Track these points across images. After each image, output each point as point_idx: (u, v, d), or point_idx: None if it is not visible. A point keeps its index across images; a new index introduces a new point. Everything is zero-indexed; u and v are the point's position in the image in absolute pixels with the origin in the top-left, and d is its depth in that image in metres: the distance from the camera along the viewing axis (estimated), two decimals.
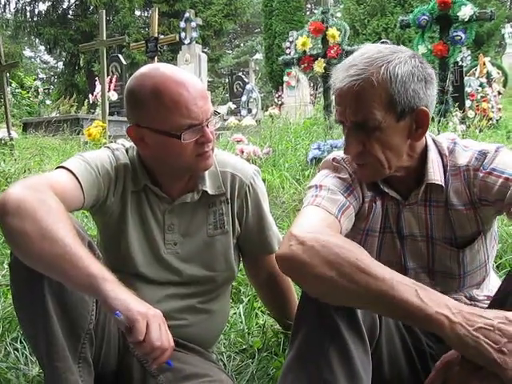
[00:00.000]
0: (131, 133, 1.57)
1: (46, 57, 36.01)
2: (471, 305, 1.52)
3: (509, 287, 1.35)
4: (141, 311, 1.24)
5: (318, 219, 1.35)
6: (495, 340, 1.04)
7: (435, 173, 1.44)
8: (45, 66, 37.10)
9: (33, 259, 1.29)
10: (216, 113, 1.63)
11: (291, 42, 14.14)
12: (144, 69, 1.58)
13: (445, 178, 1.46)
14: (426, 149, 1.46)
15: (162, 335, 1.27)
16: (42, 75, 32.89)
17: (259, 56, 35.03)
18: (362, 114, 1.33)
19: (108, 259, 1.65)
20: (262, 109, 14.87)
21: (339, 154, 1.58)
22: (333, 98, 6.93)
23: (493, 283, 1.62)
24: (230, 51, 39.34)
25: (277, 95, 16.56)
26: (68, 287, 1.34)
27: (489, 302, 1.51)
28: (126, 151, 1.69)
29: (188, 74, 1.57)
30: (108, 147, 1.70)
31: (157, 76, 1.52)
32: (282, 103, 14.69)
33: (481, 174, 1.41)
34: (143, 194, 1.66)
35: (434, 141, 1.50)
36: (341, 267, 1.16)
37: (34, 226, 1.27)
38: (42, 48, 31.74)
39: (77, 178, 1.51)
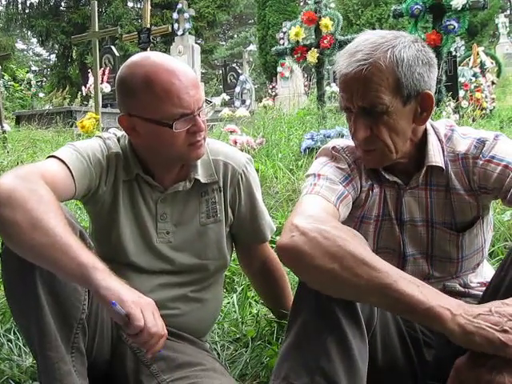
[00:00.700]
0: (123, 122, 1.56)
1: (39, 49, 35.87)
2: (465, 292, 1.54)
3: (503, 271, 1.37)
4: (134, 300, 1.25)
5: (318, 208, 1.35)
6: (496, 322, 1.05)
7: (435, 155, 1.45)
8: (37, 58, 36.93)
9: (24, 249, 1.29)
10: (208, 101, 1.62)
11: (284, 33, 14.12)
12: (135, 57, 1.57)
13: (444, 161, 1.46)
14: (425, 132, 1.47)
15: (157, 322, 1.28)
16: (34, 68, 32.65)
17: (253, 47, 34.93)
18: (369, 98, 1.33)
19: (100, 249, 1.64)
20: (256, 100, 14.85)
21: (339, 142, 1.58)
22: (326, 88, 6.94)
23: (485, 270, 1.63)
24: (224, 42, 39.24)
25: (271, 86, 16.52)
26: (59, 277, 1.34)
27: (482, 289, 1.52)
28: (118, 140, 1.69)
29: (179, 63, 1.56)
30: (99, 136, 1.69)
31: (148, 65, 1.51)
32: (276, 94, 14.65)
33: (480, 162, 1.42)
34: (135, 183, 1.65)
35: (432, 126, 1.51)
36: (344, 260, 1.15)
37: (24, 215, 1.26)
38: (35, 40, 31.53)
39: (68, 168, 1.50)
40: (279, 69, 14.35)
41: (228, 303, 2.37)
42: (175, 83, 1.48)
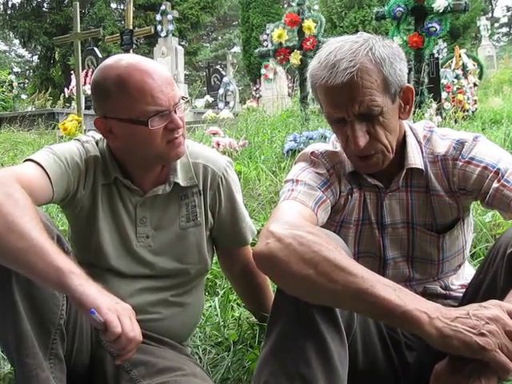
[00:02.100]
0: (99, 125, 1.55)
1: (21, 50, 35.59)
2: (446, 294, 1.55)
3: (482, 273, 1.38)
4: (109, 306, 1.23)
5: (294, 213, 1.34)
6: (473, 325, 1.04)
7: (415, 157, 1.46)
8: (20, 59, 36.65)
9: None
10: (184, 98, 1.61)
11: (268, 35, 14.11)
12: (108, 60, 1.57)
13: (423, 163, 1.47)
14: (404, 134, 1.48)
15: (134, 327, 1.26)
16: (16, 69, 32.42)
17: (237, 49, 34.96)
18: (365, 103, 1.32)
19: (79, 253, 1.63)
20: (240, 102, 14.84)
21: (318, 147, 1.57)
22: (309, 90, 6.93)
23: (467, 271, 1.64)
24: (208, 44, 39.18)
25: (255, 88, 16.51)
26: (36, 282, 1.32)
27: (463, 291, 1.52)
28: (96, 143, 1.67)
29: (153, 63, 1.57)
30: (78, 139, 1.67)
31: (121, 66, 1.50)
32: (260, 96, 14.64)
33: (460, 163, 1.42)
34: (114, 187, 1.64)
35: (410, 127, 1.51)
36: (319, 265, 1.15)
37: (0, 220, 1.25)
38: (17, 41, 31.23)
39: (45, 171, 1.48)
40: (263, 71, 14.32)
41: (210, 307, 2.35)
42: (148, 82, 1.48)
